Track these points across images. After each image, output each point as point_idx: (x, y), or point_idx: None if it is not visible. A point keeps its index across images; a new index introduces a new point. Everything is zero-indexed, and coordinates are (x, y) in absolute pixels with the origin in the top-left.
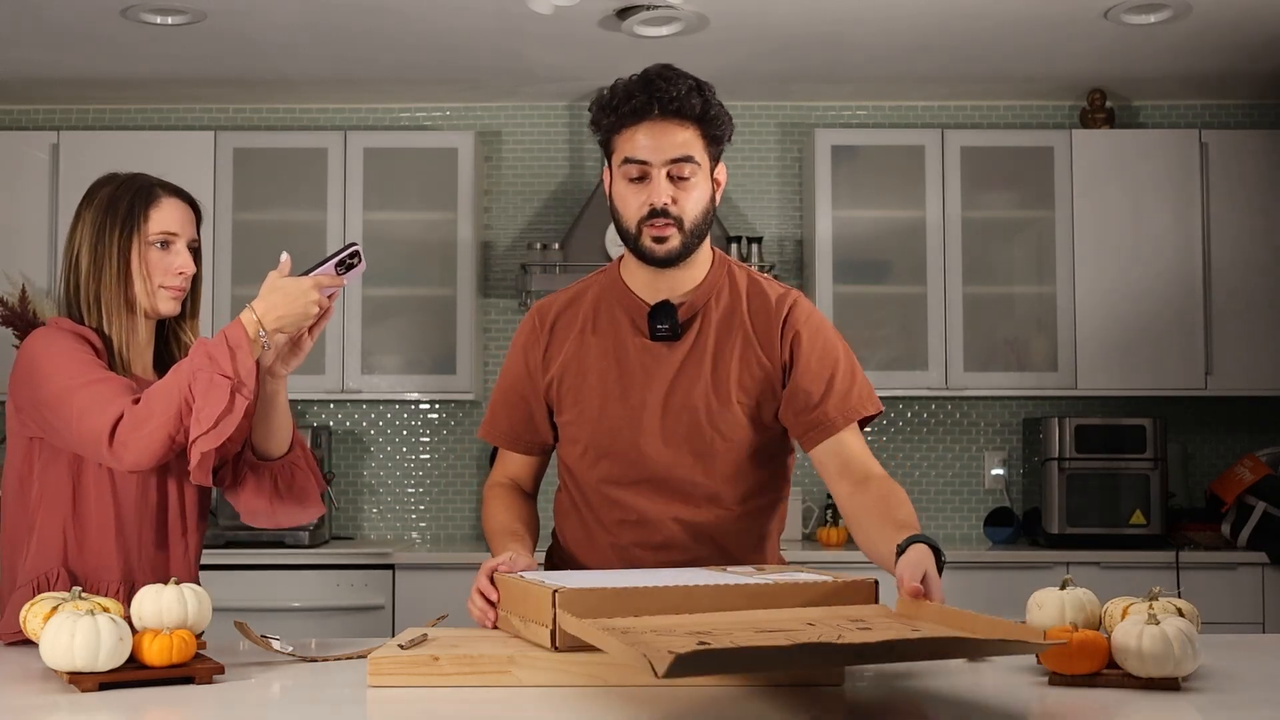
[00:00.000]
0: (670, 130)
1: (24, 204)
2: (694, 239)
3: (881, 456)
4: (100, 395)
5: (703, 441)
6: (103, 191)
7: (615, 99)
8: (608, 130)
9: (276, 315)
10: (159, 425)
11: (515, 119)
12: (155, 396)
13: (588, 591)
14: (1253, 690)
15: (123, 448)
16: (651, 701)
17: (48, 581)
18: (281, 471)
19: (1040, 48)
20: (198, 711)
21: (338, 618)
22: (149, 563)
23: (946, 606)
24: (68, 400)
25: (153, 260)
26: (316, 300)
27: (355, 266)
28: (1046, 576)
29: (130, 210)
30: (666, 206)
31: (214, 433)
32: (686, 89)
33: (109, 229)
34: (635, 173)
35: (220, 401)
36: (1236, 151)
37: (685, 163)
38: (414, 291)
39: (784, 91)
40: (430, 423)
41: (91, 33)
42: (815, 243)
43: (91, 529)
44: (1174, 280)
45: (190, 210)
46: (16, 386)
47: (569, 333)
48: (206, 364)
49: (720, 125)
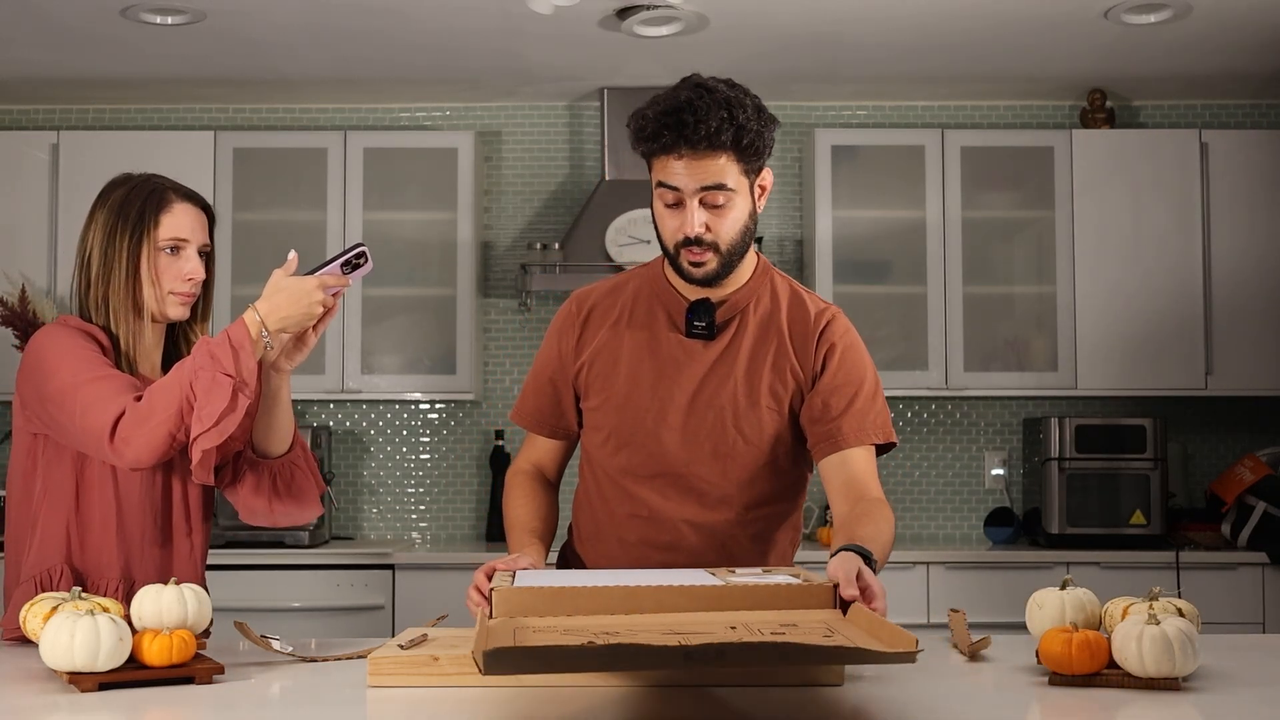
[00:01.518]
0: (702, 161)
1: (24, 204)
2: (733, 258)
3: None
4: (103, 392)
5: (725, 442)
6: (116, 193)
7: (647, 130)
8: (644, 155)
9: (280, 316)
10: (160, 423)
11: (515, 119)
12: (157, 394)
13: (525, 590)
14: (1253, 690)
15: (124, 444)
16: (652, 700)
17: (50, 578)
18: (281, 471)
19: (1040, 48)
20: (198, 711)
21: (338, 618)
22: (151, 561)
23: (876, 617)
24: (71, 396)
25: (162, 266)
26: (320, 300)
27: (361, 267)
28: (1046, 576)
29: (141, 214)
30: (700, 235)
31: (215, 431)
32: (718, 123)
33: (119, 233)
34: (670, 199)
35: (222, 400)
36: (1236, 151)
37: (718, 190)
38: (414, 291)
39: (784, 91)
40: (430, 423)
41: (91, 33)
42: (815, 243)
43: (94, 526)
44: (1174, 280)
45: (203, 215)
46: (23, 382)
47: (605, 321)
48: (209, 363)
49: (757, 146)
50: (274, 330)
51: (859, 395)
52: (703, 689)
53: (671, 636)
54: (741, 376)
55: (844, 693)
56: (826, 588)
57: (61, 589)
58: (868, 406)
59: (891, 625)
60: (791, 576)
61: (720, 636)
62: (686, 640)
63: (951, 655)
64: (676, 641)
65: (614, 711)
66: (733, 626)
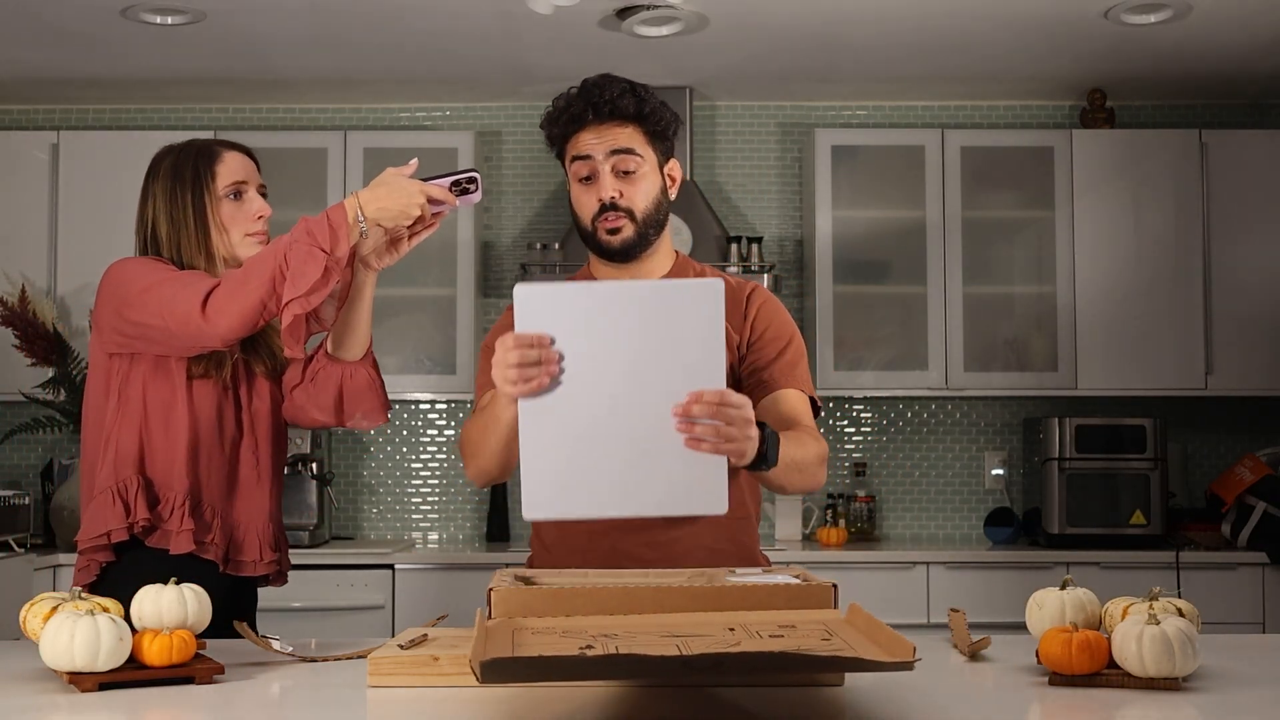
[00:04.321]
0: (610, 129)
1: (24, 204)
2: (648, 229)
3: (882, 457)
4: (188, 280)
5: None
6: (165, 161)
7: (556, 111)
8: (558, 141)
9: (378, 205)
10: (254, 288)
11: (515, 119)
12: (253, 264)
13: (524, 590)
14: (1253, 690)
15: (217, 314)
16: (652, 699)
17: (125, 488)
18: (355, 375)
19: (1040, 48)
20: (198, 711)
21: (338, 618)
22: (218, 478)
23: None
24: (155, 292)
25: (227, 213)
26: (420, 204)
27: (471, 193)
28: (1046, 576)
29: (197, 170)
30: (615, 199)
31: (305, 299)
32: (620, 91)
33: (180, 193)
34: (584, 171)
35: (316, 272)
36: (1236, 151)
37: (628, 155)
38: (414, 291)
39: (784, 91)
40: (430, 423)
41: (91, 33)
42: (815, 243)
43: (166, 440)
44: (1174, 280)
45: (250, 159)
46: (101, 305)
47: None
48: (305, 237)
49: (661, 121)
50: (371, 218)
51: (788, 348)
52: (703, 688)
53: (670, 639)
54: None
55: (844, 692)
56: (826, 588)
57: (135, 500)
58: (796, 359)
59: (889, 630)
60: (791, 576)
61: (719, 638)
62: (685, 644)
63: (951, 655)
64: (675, 646)
65: (613, 710)
66: (731, 628)
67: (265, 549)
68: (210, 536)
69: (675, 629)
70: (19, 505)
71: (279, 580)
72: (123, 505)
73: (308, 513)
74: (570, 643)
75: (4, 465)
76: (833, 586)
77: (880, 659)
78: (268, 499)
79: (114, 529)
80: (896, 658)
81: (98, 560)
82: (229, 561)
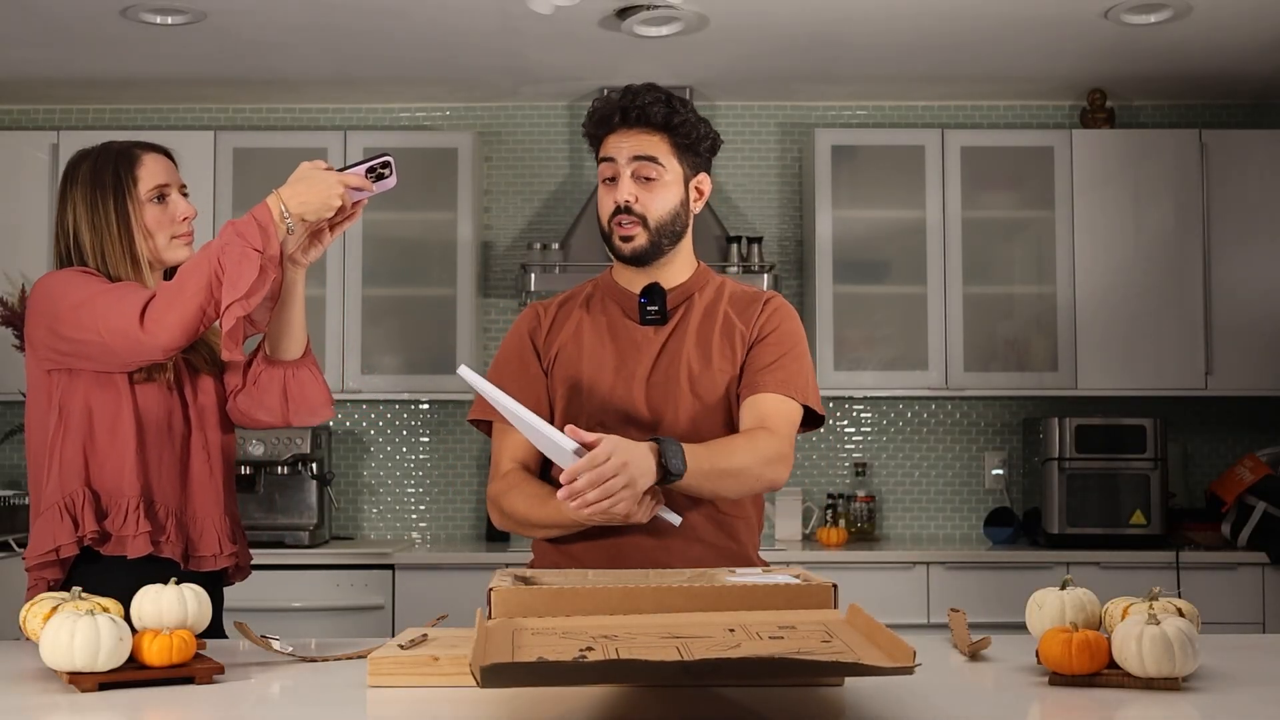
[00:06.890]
0: (636, 135)
1: (24, 204)
2: (662, 238)
3: (881, 457)
4: (121, 293)
5: (684, 404)
6: (83, 167)
7: (593, 111)
8: (592, 142)
9: (300, 200)
10: (191, 296)
11: (515, 119)
12: (186, 273)
13: (523, 591)
14: (1253, 690)
15: (156, 325)
16: (652, 699)
17: (73, 502)
18: (295, 375)
19: (1040, 48)
20: (198, 711)
21: (338, 618)
22: (170, 479)
23: (874, 620)
24: (89, 306)
25: (152, 217)
26: (340, 195)
27: (386, 178)
28: (1046, 576)
29: (117, 176)
30: (629, 204)
31: (245, 301)
32: (653, 99)
33: (101, 200)
34: (609, 172)
35: (252, 271)
36: (1236, 151)
37: (649, 163)
38: (414, 291)
39: (784, 91)
40: (430, 423)
41: (91, 33)
42: (815, 243)
43: (111, 448)
44: (1174, 280)
45: (169, 159)
46: (33, 324)
47: (567, 319)
48: (236, 240)
49: (692, 135)
50: (295, 213)
51: (785, 357)
52: (703, 687)
53: (670, 640)
54: (693, 345)
55: (844, 692)
56: (826, 588)
57: (82, 512)
58: (793, 367)
59: (890, 632)
60: (791, 577)
61: (719, 639)
62: (685, 645)
63: (951, 655)
64: (675, 648)
65: (614, 709)
66: (731, 629)
67: (224, 541)
68: (166, 535)
69: (675, 629)
70: (19, 505)
71: (240, 575)
72: (70, 520)
73: (308, 513)
74: (570, 644)
75: (4, 465)
76: (833, 587)
77: (880, 663)
78: (221, 491)
79: (63, 544)
80: (896, 662)
81: (45, 578)
82: (189, 558)
